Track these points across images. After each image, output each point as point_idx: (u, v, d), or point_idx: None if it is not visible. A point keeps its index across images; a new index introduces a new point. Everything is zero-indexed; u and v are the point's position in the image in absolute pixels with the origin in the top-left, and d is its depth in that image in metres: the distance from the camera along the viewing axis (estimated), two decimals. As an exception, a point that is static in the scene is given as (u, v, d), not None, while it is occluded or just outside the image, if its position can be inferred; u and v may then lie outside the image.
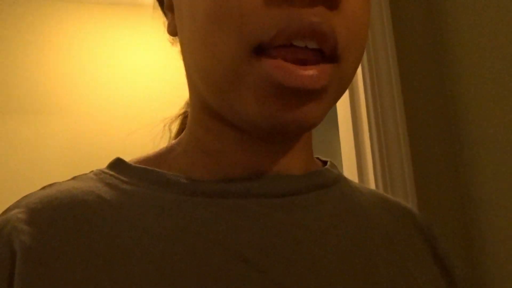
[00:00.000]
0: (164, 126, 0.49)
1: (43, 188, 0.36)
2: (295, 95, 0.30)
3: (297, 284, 0.31)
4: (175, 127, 0.49)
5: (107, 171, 0.37)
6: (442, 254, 0.43)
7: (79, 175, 0.38)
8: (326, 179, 0.39)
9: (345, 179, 0.43)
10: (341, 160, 1.11)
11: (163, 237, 0.31)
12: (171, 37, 0.42)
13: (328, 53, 0.30)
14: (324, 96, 0.31)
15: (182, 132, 0.46)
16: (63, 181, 0.37)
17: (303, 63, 0.29)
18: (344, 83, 0.33)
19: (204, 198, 0.33)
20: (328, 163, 0.42)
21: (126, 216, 0.32)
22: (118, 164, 0.38)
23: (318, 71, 0.29)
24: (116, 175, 0.36)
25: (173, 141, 0.41)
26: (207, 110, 0.37)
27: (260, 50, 0.29)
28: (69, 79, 2.28)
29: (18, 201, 0.34)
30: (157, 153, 0.40)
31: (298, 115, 0.30)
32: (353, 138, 1.08)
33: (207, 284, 0.29)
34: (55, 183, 0.36)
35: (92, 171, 0.39)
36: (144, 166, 0.37)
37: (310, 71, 0.29)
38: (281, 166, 0.37)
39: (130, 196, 0.34)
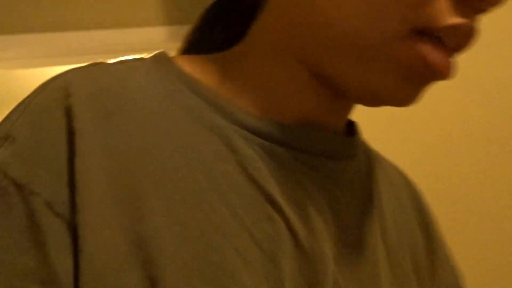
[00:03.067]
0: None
1: (91, 65, 0.35)
2: (431, 79, 0.33)
3: (311, 234, 0.34)
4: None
5: (158, 66, 0.36)
6: (427, 221, 0.46)
7: (127, 60, 0.37)
8: (354, 149, 0.40)
9: (365, 147, 0.44)
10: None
11: (209, 160, 0.32)
12: None
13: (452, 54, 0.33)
14: None
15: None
16: (111, 64, 0.36)
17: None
18: None
19: (247, 133, 0.34)
20: (354, 125, 0.43)
21: (177, 130, 0.33)
22: (166, 63, 0.37)
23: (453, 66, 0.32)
24: (164, 76, 0.35)
25: (227, 54, 0.39)
26: (294, 54, 0.36)
27: (419, 33, 0.31)
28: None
29: (64, 76, 0.33)
30: (213, 66, 0.38)
31: (415, 96, 0.34)
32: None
33: (236, 212, 0.31)
34: (102, 64, 0.35)
35: (139, 58, 0.37)
36: (197, 79, 0.36)
37: (452, 64, 0.32)
38: (329, 120, 0.38)
39: (177, 109, 0.34)
